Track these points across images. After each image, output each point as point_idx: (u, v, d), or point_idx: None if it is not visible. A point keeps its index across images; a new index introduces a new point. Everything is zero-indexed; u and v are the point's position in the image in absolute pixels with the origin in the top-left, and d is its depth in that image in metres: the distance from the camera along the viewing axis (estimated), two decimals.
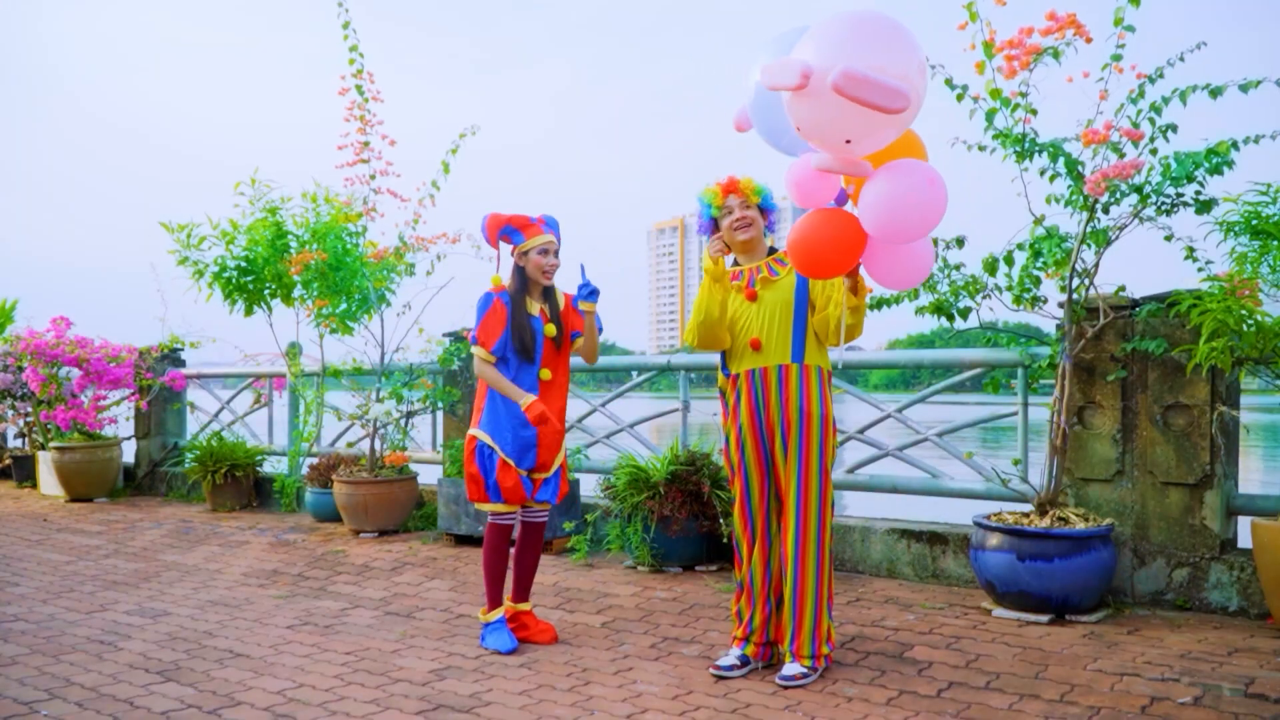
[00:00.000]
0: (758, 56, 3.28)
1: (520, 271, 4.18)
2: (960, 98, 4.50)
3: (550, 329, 4.18)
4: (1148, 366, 4.60)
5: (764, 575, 3.79)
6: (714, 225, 3.86)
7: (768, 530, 3.78)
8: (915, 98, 3.00)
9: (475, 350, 4.15)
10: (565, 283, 4.33)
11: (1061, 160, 4.36)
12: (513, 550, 4.34)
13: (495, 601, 4.23)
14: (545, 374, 4.17)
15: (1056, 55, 4.21)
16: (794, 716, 3.33)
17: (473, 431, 4.19)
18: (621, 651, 4.11)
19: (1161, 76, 4.23)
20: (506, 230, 4.15)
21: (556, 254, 4.18)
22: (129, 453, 9.57)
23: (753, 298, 3.75)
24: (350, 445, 7.77)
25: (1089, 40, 4.16)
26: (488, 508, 4.18)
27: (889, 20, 3.04)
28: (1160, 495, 4.58)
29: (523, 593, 4.33)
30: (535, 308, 4.20)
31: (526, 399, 4.07)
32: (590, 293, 4.13)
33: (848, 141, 3.13)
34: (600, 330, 4.28)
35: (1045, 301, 4.72)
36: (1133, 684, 3.51)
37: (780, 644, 3.77)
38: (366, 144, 6.97)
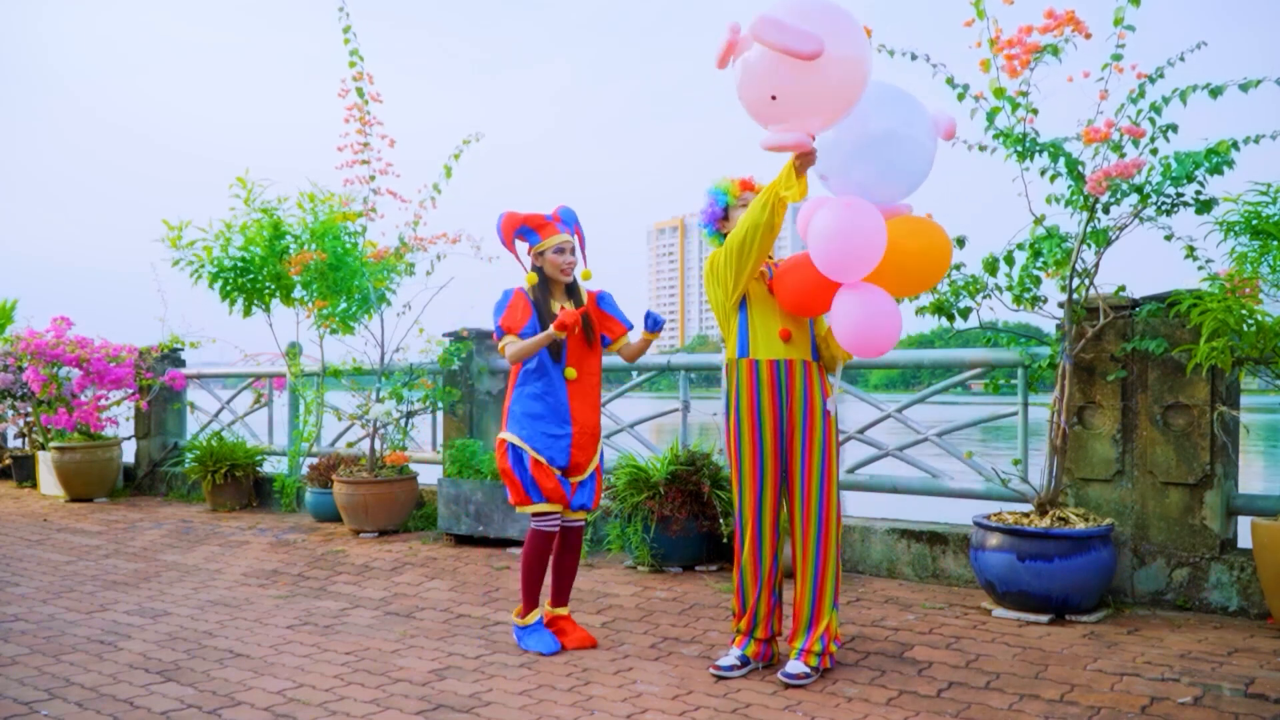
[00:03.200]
0: None
1: (539, 272, 4.13)
2: (961, 97, 4.50)
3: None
4: (1148, 366, 4.60)
5: (771, 566, 3.77)
6: (724, 214, 3.91)
7: (777, 521, 3.78)
8: (843, 53, 3.16)
9: (502, 341, 4.04)
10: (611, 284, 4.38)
11: (1062, 160, 4.35)
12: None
13: (532, 604, 4.13)
14: (570, 373, 4.08)
15: (1055, 53, 4.21)
16: (794, 716, 3.33)
17: (501, 435, 4.11)
18: (621, 651, 4.11)
19: (1162, 76, 4.23)
20: (522, 230, 4.11)
21: (574, 251, 4.13)
22: (129, 453, 9.58)
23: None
24: (350, 445, 7.77)
25: (1088, 36, 4.16)
26: (530, 509, 4.04)
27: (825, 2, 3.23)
28: (1160, 495, 4.58)
29: (561, 597, 4.23)
30: (557, 307, 4.12)
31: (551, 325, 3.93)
32: (656, 325, 4.10)
33: (773, 98, 3.25)
34: None
35: (1045, 301, 4.72)
36: (1133, 684, 3.51)
37: (792, 642, 3.75)
38: (366, 144, 6.98)
